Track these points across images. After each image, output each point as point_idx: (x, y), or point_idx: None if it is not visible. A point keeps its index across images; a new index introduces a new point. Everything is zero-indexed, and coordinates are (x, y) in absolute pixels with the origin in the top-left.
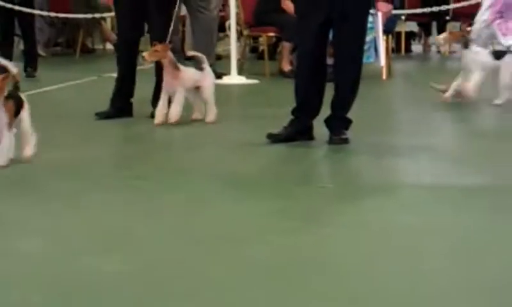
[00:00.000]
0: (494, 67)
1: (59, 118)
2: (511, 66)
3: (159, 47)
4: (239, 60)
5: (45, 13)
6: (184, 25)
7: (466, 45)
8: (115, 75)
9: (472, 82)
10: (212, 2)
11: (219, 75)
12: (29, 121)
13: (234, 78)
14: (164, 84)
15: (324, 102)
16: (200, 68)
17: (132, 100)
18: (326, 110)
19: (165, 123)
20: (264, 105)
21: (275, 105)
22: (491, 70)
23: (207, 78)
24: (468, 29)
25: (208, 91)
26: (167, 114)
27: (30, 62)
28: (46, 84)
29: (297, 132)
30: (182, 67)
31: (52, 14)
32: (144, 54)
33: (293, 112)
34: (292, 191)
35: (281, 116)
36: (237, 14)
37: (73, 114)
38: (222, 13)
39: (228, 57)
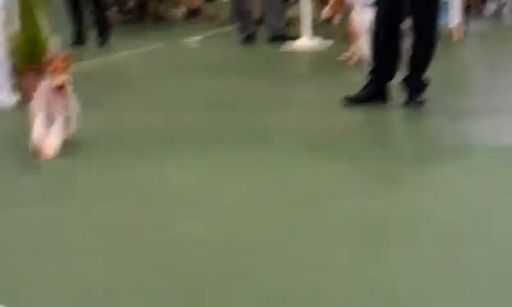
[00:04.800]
0: None
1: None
2: None
3: None
4: (312, 22)
5: None
6: None
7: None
8: (187, 40)
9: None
10: None
11: (293, 38)
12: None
13: (308, 41)
14: None
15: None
16: None
17: None
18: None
19: None
20: (339, 67)
21: (350, 67)
22: None
23: None
24: None
25: None
26: None
27: (101, 30)
28: (117, 51)
29: (374, 93)
30: None
31: None
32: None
33: (370, 73)
34: (367, 154)
35: (357, 79)
36: None
37: (140, 81)
38: None
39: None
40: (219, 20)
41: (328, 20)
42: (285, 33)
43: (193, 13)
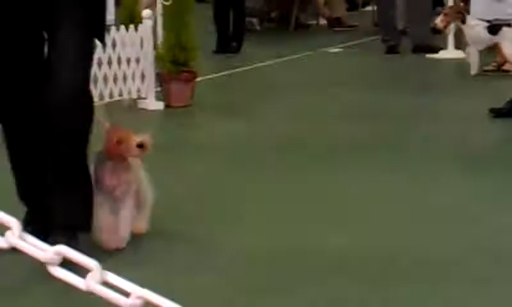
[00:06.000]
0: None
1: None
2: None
3: None
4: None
5: None
6: None
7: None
8: (329, 49)
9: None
10: None
11: (436, 49)
12: None
13: (451, 53)
14: None
15: None
16: None
17: None
18: None
19: None
20: (484, 77)
21: (496, 78)
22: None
23: None
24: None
25: None
26: None
27: (236, 36)
28: (260, 59)
29: None
30: None
31: None
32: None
33: None
34: None
35: (502, 91)
36: None
37: (283, 90)
38: None
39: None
40: (361, 29)
41: (441, 31)
42: (429, 43)
43: (335, 22)
